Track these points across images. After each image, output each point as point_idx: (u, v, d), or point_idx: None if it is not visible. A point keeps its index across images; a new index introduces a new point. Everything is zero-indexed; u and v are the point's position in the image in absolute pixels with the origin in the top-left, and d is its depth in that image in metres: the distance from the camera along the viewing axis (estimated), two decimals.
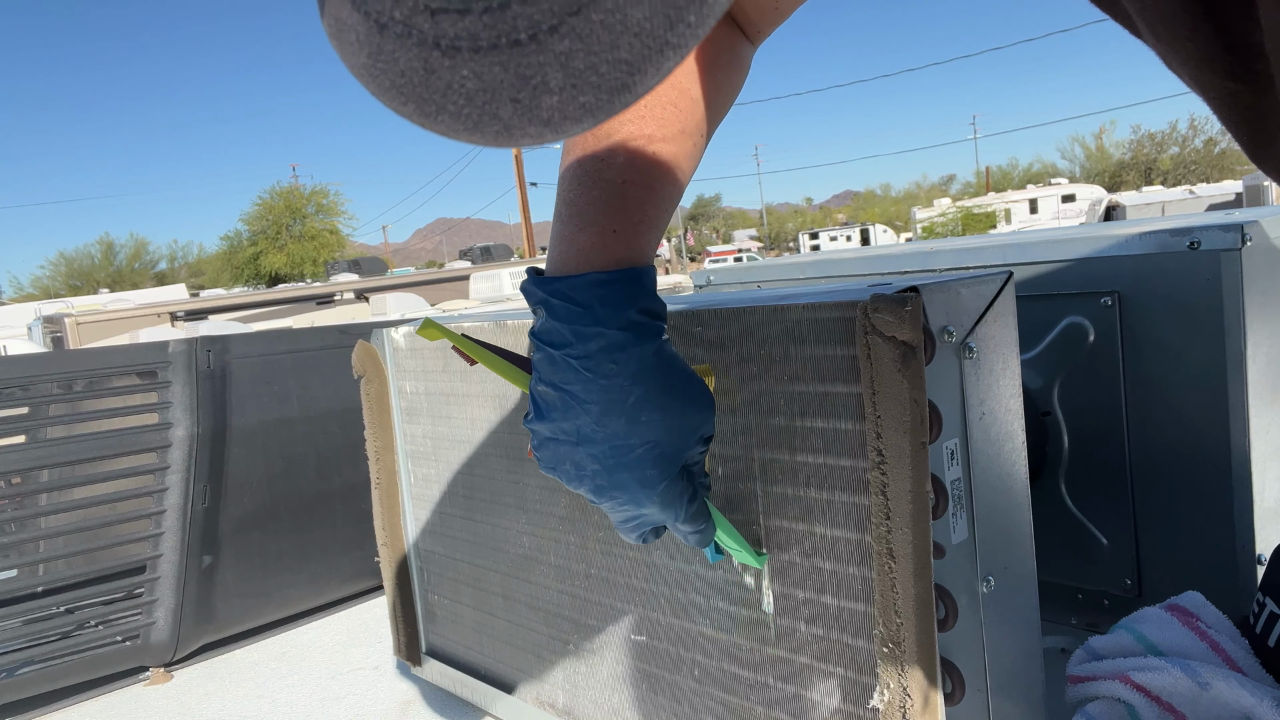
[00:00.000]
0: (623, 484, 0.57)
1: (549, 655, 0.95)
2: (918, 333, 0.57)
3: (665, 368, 0.57)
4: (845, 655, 0.65)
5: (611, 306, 0.54)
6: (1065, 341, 1.00)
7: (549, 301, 0.55)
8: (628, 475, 0.56)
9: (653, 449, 0.56)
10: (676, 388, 0.57)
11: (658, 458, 0.57)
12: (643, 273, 0.56)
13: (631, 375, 0.55)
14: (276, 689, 1.27)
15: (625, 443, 0.55)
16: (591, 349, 0.54)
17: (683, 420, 0.57)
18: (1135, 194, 19.97)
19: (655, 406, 0.56)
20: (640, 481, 0.57)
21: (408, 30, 0.25)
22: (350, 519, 1.57)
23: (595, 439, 0.55)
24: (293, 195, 33.66)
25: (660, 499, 0.58)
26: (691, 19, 0.25)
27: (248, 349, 1.46)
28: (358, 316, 8.51)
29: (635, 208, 0.56)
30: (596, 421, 0.55)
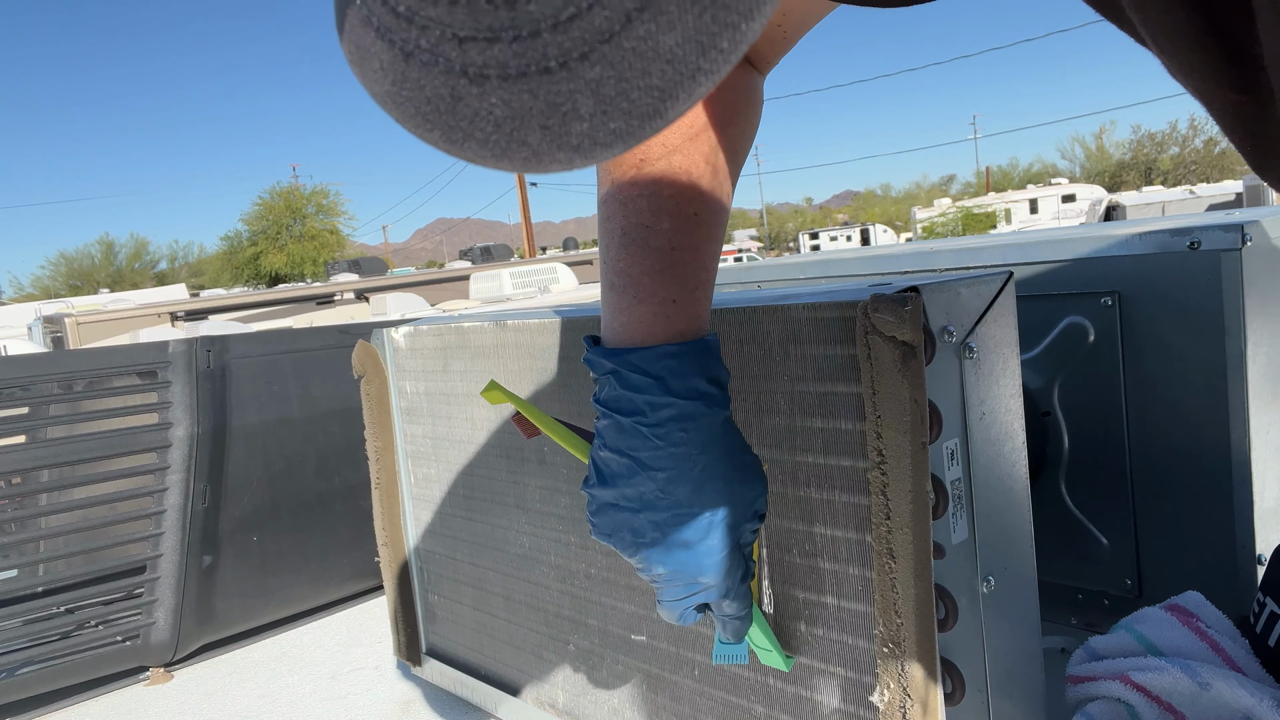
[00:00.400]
0: (683, 551, 0.57)
1: (549, 655, 0.95)
2: (918, 333, 0.57)
3: (730, 438, 0.58)
4: (845, 655, 0.65)
5: (682, 377, 0.55)
6: (1065, 341, 1.00)
7: (620, 372, 0.56)
8: (691, 540, 0.57)
9: (714, 515, 0.57)
10: (739, 459, 0.58)
11: (719, 524, 0.57)
12: (709, 343, 0.57)
13: (700, 444, 0.56)
14: (276, 689, 1.27)
15: (689, 510, 0.56)
16: (663, 417, 0.55)
17: (744, 491, 0.58)
18: (1135, 194, 19.97)
19: (720, 476, 0.57)
20: (704, 550, 0.58)
21: (434, 58, 0.25)
22: (350, 519, 1.57)
23: (659, 505, 0.56)
24: (293, 195, 33.66)
25: (719, 568, 0.59)
26: (724, 45, 0.25)
27: (248, 349, 1.46)
28: (358, 316, 8.50)
29: (689, 275, 0.58)
30: (662, 489, 0.56)
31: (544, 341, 0.88)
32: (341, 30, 0.28)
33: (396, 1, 0.25)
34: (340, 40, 0.28)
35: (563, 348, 0.86)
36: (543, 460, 0.91)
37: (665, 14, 0.24)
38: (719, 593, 0.60)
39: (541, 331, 0.88)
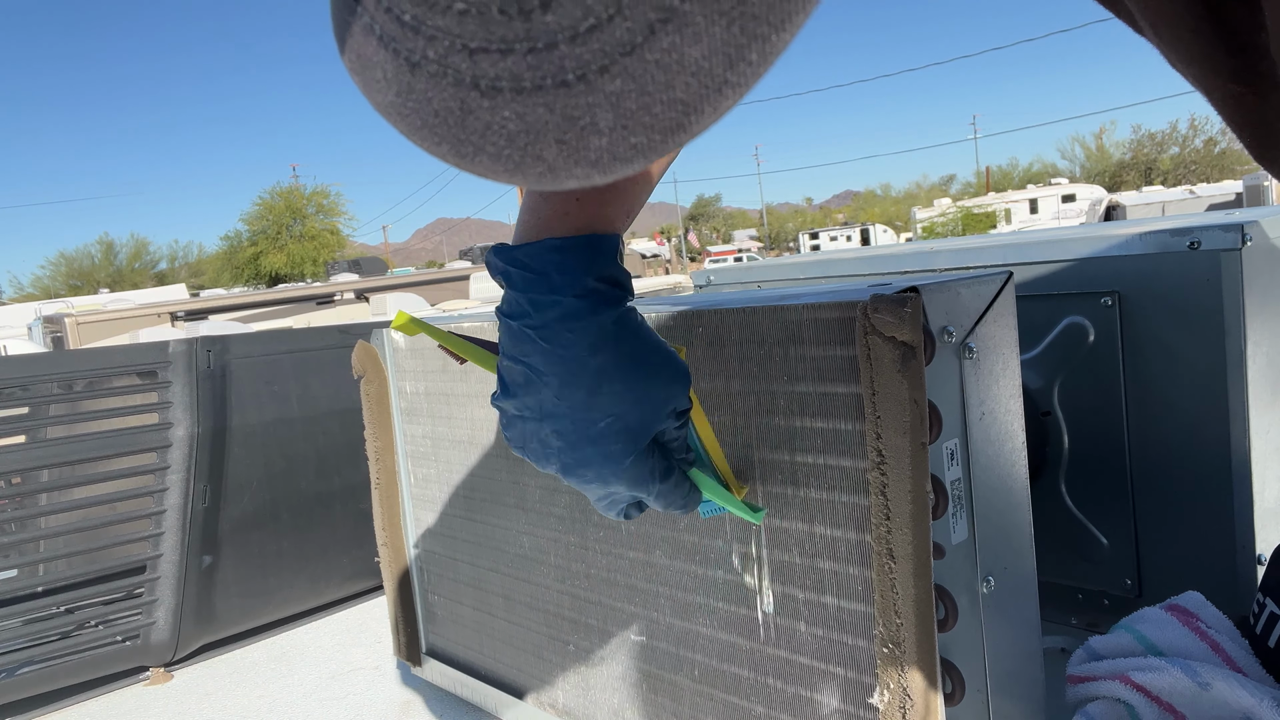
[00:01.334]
0: (588, 460, 0.54)
1: (549, 655, 0.95)
2: (917, 333, 0.57)
3: (629, 337, 0.54)
4: (845, 655, 0.65)
5: (568, 273, 0.52)
6: (1065, 341, 1.00)
7: (507, 271, 0.54)
8: (592, 450, 0.54)
9: (616, 422, 0.53)
10: (641, 357, 0.54)
11: (621, 431, 0.54)
12: (603, 239, 0.54)
13: (590, 345, 0.52)
14: (276, 689, 1.27)
15: (587, 416, 0.53)
16: (548, 318, 0.52)
17: (648, 391, 0.55)
18: (1135, 194, 19.98)
19: (617, 377, 0.53)
20: (605, 457, 0.54)
21: (443, 70, 0.24)
22: (350, 519, 1.57)
23: (557, 413, 0.53)
24: (293, 195, 33.67)
25: (627, 476, 0.56)
26: (753, 57, 0.24)
27: (248, 349, 1.46)
28: (358, 316, 8.50)
29: None
30: (557, 395, 0.53)
31: None
32: (342, 39, 0.27)
33: (402, 9, 0.24)
34: (340, 49, 0.27)
35: None
36: None
37: (691, 25, 0.23)
38: (635, 497, 0.58)
39: None
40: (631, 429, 0.54)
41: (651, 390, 0.55)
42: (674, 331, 0.74)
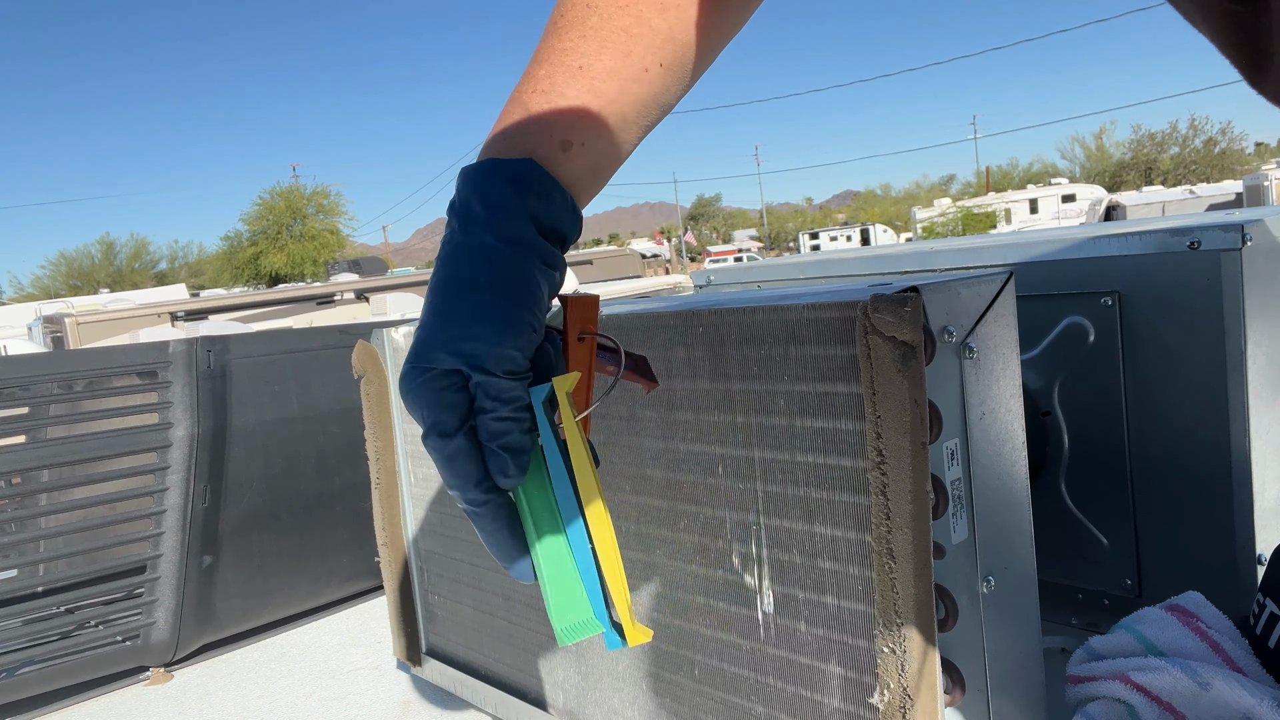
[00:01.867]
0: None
1: (549, 655, 0.95)
2: (918, 333, 0.57)
3: (479, 261, 0.48)
4: (845, 655, 0.65)
5: (460, 194, 0.50)
6: (1065, 341, 1.00)
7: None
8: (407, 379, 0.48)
9: (417, 333, 0.48)
10: (466, 282, 0.47)
11: (415, 346, 0.48)
12: (501, 164, 0.50)
13: (441, 258, 0.49)
14: (276, 689, 1.27)
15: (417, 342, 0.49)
16: (442, 240, 0.50)
17: (445, 322, 0.47)
18: (1135, 194, 19.98)
19: (429, 295, 0.49)
20: (403, 379, 0.48)
21: None
22: (350, 519, 1.57)
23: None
24: (293, 195, 33.66)
25: (418, 412, 0.48)
26: None
27: (248, 349, 1.46)
28: (358, 316, 8.50)
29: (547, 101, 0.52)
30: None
31: None
32: None
33: None
34: None
35: None
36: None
37: None
38: (433, 443, 0.49)
39: None
40: (414, 369, 0.48)
41: (448, 322, 0.47)
42: (674, 331, 0.74)
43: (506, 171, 0.49)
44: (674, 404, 0.75)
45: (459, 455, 0.48)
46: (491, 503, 0.49)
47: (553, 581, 0.49)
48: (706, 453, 0.73)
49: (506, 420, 0.48)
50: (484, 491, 0.48)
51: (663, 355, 0.75)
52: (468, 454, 0.48)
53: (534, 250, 0.49)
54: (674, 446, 0.76)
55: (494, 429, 0.48)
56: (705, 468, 0.73)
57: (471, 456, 0.48)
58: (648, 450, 0.78)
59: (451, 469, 0.48)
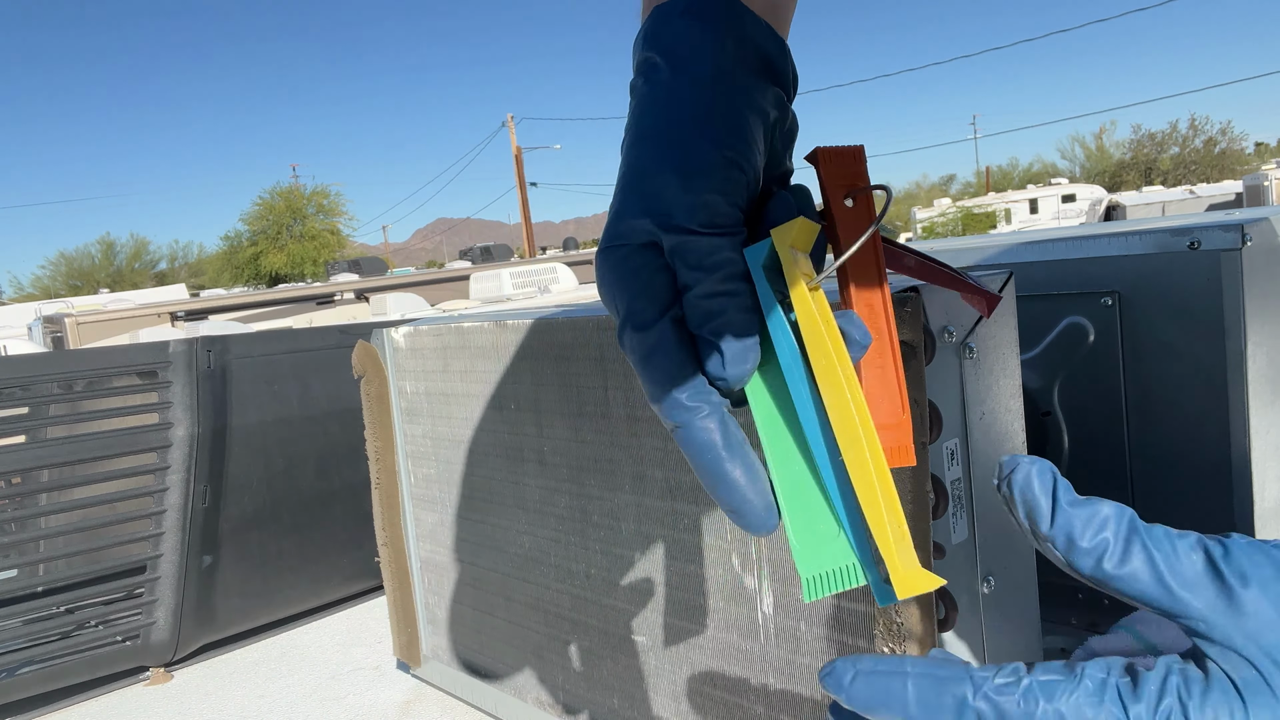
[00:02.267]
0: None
1: (549, 656, 0.95)
2: (918, 333, 0.57)
3: (660, 105, 0.39)
4: (845, 655, 0.65)
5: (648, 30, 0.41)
6: (1065, 341, 1.00)
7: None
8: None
9: (601, 240, 0.40)
10: (648, 132, 0.39)
11: (597, 257, 0.40)
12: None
13: (626, 124, 0.41)
14: (276, 689, 1.27)
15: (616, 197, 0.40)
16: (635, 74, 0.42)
17: (629, 184, 0.39)
18: (1135, 194, 19.98)
19: (629, 138, 0.40)
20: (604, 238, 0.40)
21: None
22: (350, 519, 1.57)
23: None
24: (293, 195, 33.67)
25: (608, 289, 0.39)
26: None
27: (248, 349, 1.46)
28: (358, 316, 8.51)
29: None
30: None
31: (544, 341, 0.88)
32: None
33: None
34: None
35: (563, 347, 0.86)
36: (542, 460, 0.91)
37: None
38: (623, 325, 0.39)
39: (541, 331, 0.88)
40: (609, 221, 0.39)
41: (653, 172, 0.38)
42: None
43: (680, 6, 0.41)
44: None
45: (657, 351, 0.37)
46: (706, 414, 0.37)
47: (795, 517, 0.36)
48: None
49: (716, 296, 0.36)
50: (693, 398, 0.37)
51: None
52: (670, 349, 0.37)
53: (730, 81, 0.39)
54: (674, 446, 0.76)
55: (701, 308, 0.36)
56: None
57: (675, 352, 0.37)
58: (648, 450, 0.78)
59: (649, 371, 0.37)
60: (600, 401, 0.82)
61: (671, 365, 0.37)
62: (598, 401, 0.82)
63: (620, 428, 0.81)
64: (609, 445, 0.82)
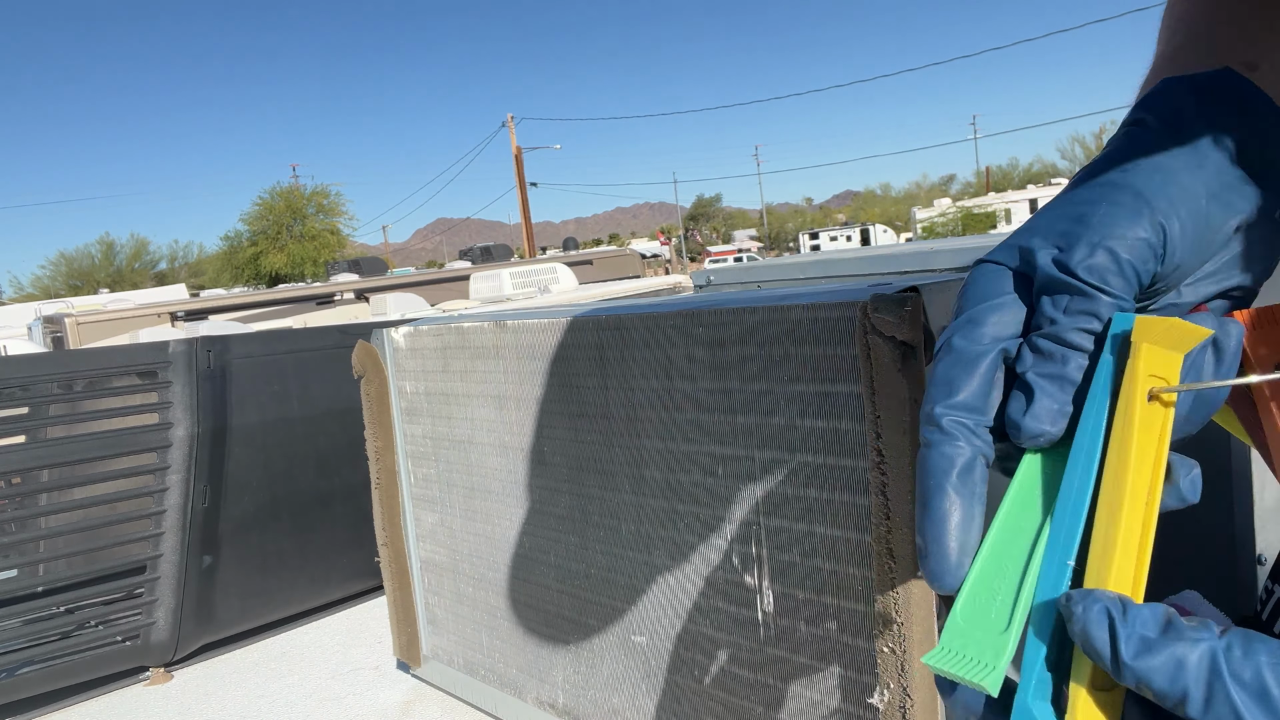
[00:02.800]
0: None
1: (549, 655, 0.95)
2: (917, 332, 0.57)
3: (1114, 158, 0.37)
4: (845, 655, 0.65)
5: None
6: None
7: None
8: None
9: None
10: (1097, 177, 0.37)
11: (978, 260, 0.38)
12: (1207, 75, 0.38)
13: (1117, 150, 0.38)
14: (276, 689, 1.27)
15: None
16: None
17: (1051, 208, 0.37)
18: None
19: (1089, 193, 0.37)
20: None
21: None
22: (350, 519, 1.57)
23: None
24: (293, 195, 33.67)
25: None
26: None
27: (248, 349, 1.46)
28: (358, 316, 8.51)
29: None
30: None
31: (544, 341, 0.88)
32: None
33: None
34: None
35: (563, 348, 0.86)
36: (543, 460, 0.91)
37: None
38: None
39: (541, 331, 0.88)
40: (1011, 234, 0.38)
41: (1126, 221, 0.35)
42: (674, 331, 0.74)
43: (1188, 83, 0.38)
44: (674, 404, 0.75)
45: (962, 364, 0.35)
46: (959, 443, 0.34)
47: (977, 591, 0.32)
48: (706, 453, 0.73)
49: (1062, 344, 0.34)
50: (957, 425, 0.34)
51: (663, 355, 0.75)
52: (976, 368, 0.35)
53: (1210, 162, 0.36)
54: (674, 446, 0.76)
55: (1041, 349, 0.34)
56: (705, 468, 0.73)
57: (978, 375, 0.35)
58: (648, 450, 0.78)
59: (942, 379, 0.35)
60: (600, 402, 0.82)
61: (965, 382, 0.35)
62: (598, 401, 0.82)
63: (620, 428, 0.81)
64: (609, 445, 0.82)
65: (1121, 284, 0.34)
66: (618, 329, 0.79)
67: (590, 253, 12.36)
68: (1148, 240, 0.35)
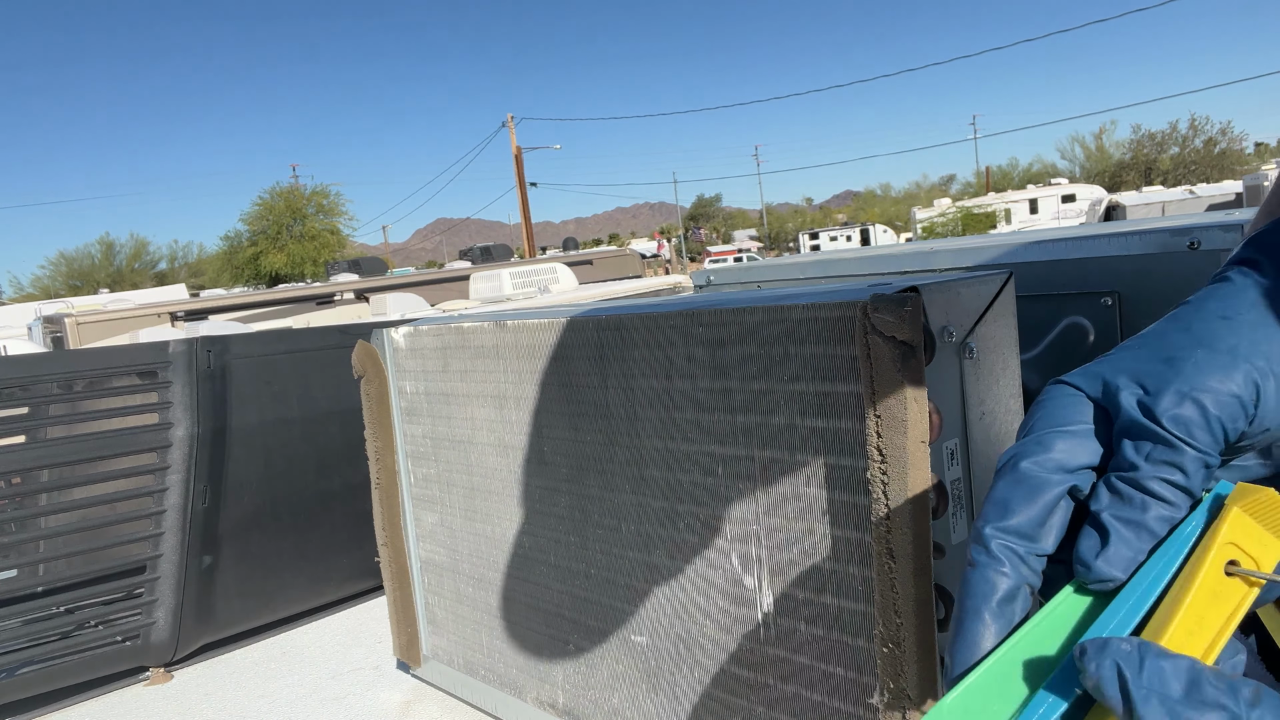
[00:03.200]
0: None
1: (549, 655, 0.95)
2: (917, 333, 0.57)
3: (1228, 298, 0.36)
4: (845, 655, 0.65)
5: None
6: (1065, 341, 1.00)
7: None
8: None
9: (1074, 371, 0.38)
10: (1201, 315, 0.36)
11: (1053, 382, 0.38)
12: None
13: (1196, 296, 0.38)
14: (276, 689, 1.27)
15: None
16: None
17: (1142, 345, 0.36)
18: (1135, 194, 19.96)
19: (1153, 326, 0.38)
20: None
21: None
22: (350, 519, 1.57)
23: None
24: (293, 195, 33.65)
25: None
26: None
27: (248, 349, 1.46)
28: (358, 316, 8.51)
29: None
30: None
31: (544, 341, 0.88)
32: None
33: None
34: None
35: (563, 347, 0.86)
36: (543, 460, 0.91)
37: None
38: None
39: (541, 331, 0.88)
40: (1096, 360, 0.38)
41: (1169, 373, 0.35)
42: (674, 331, 0.74)
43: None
44: (674, 404, 0.75)
45: (1026, 488, 0.34)
46: (1006, 570, 0.33)
47: (982, 688, 0.31)
48: (706, 453, 0.73)
49: (1148, 494, 0.33)
50: (1008, 551, 0.33)
51: (663, 355, 0.75)
52: (1041, 497, 0.34)
53: None
54: (674, 446, 0.76)
55: (1122, 492, 0.34)
56: (705, 468, 0.73)
57: (1043, 504, 0.34)
58: (648, 450, 0.78)
59: (1003, 498, 0.35)
60: (600, 401, 0.82)
61: (1022, 507, 0.34)
62: (598, 401, 0.82)
63: (620, 427, 0.81)
64: (609, 445, 0.82)
65: (1208, 439, 0.33)
66: (618, 329, 0.79)
67: (590, 253, 12.36)
68: (1239, 397, 0.34)
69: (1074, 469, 0.35)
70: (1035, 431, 0.36)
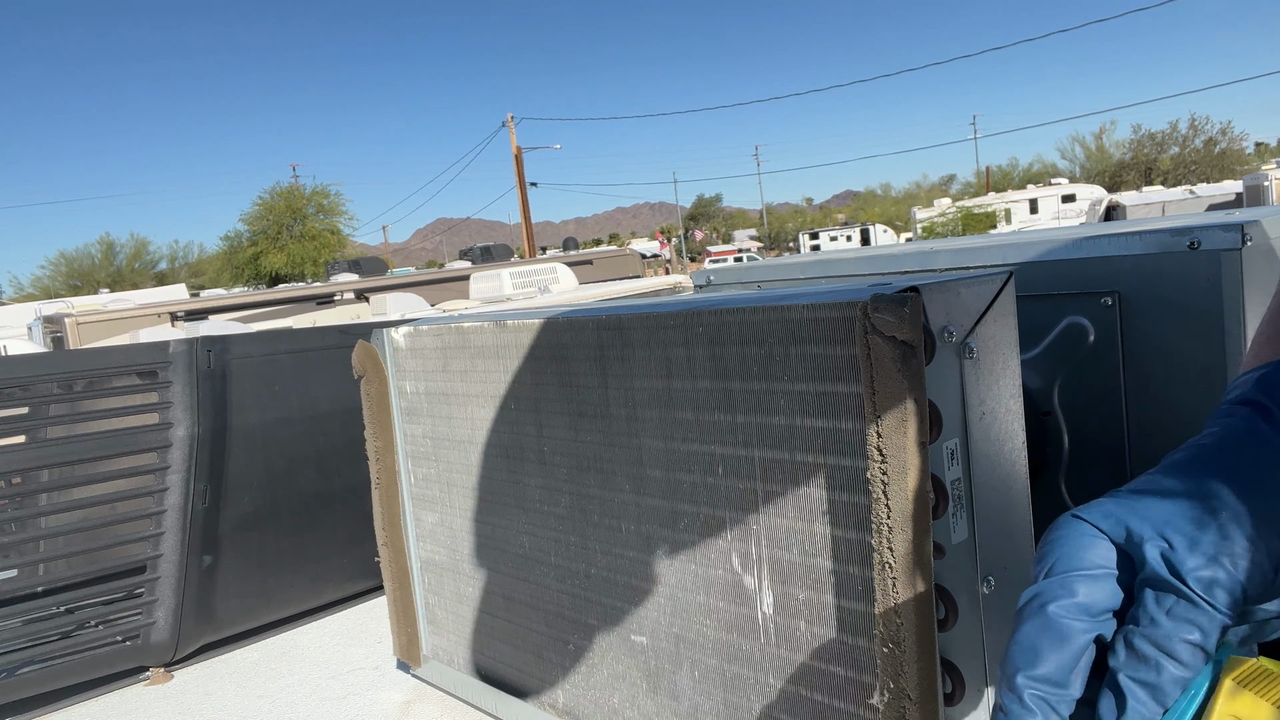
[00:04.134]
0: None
1: (549, 655, 0.95)
2: (918, 333, 0.57)
3: (1241, 450, 0.38)
4: (845, 655, 0.65)
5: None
6: (1065, 341, 1.00)
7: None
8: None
9: (1086, 508, 0.42)
10: (1222, 470, 0.37)
11: (1066, 516, 0.42)
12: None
13: (1204, 442, 0.40)
14: (276, 689, 1.27)
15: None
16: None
17: (1163, 499, 0.38)
18: (1135, 194, 19.97)
19: (1164, 471, 0.40)
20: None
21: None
22: (350, 519, 1.57)
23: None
24: (293, 195, 33.65)
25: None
26: None
27: (248, 349, 1.46)
28: (358, 316, 8.51)
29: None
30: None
31: (544, 341, 0.88)
32: None
33: None
34: None
35: (563, 347, 0.86)
36: (543, 460, 0.91)
37: None
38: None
39: (541, 331, 0.88)
40: (1109, 500, 0.41)
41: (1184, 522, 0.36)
42: (674, 331, 0.74)
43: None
44: (674, 404, 0.75)
45: (1055, 637, 0.35)
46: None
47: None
48: (706, 453, 0.73)
49: (1158, 647, 0.34)
50: (1039, 702, 0.35)
51: (663, 355, 0.75)
52: (1072, 647, 0.35)
53: None
54: (674, 446, 0.76)
55: (1138, 651, 0.34)
56: (705, 468, 0.73)
57: (1074, 651, 0.35)
58: (648, 449, 0.78)
59: (1035, 646, 0.36)
60: (600, 401, 0.82)
61: (1052, 655, 0.35)
62: (598, 401, 0.82)
63: (620, 428, 0.81)
64: (609, 445, 0.82)
65: (1229, 601, 0.34)
66: (618, 329, 0.79)
67: (590, 253, 12.37)
68: (1262, 566, 0.34)
69: (1097, 614, 0.36)
70: (1057, 574, 0.37)
